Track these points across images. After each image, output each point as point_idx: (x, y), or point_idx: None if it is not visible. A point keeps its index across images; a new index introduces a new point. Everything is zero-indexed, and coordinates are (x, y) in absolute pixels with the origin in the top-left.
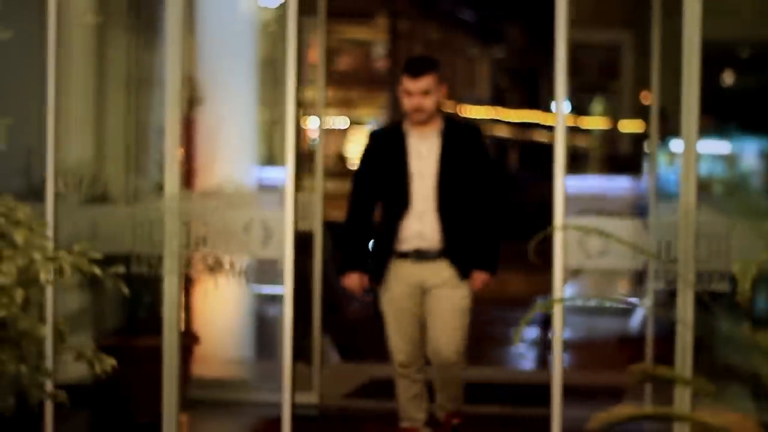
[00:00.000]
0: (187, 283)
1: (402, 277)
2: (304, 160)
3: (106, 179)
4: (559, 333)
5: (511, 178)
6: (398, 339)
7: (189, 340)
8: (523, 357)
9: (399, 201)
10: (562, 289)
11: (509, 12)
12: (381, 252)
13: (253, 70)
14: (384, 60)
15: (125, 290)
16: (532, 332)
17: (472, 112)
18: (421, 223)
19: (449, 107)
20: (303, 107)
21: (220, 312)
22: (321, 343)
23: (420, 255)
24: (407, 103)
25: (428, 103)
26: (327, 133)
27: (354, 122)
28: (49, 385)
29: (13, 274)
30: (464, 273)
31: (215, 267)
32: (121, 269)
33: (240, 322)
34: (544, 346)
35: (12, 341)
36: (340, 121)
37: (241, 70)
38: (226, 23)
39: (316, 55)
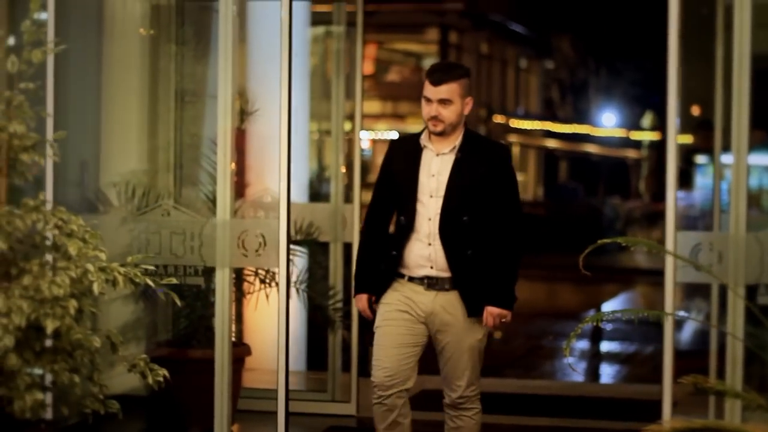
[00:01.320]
0: (239, 295)
1: (406, 291)
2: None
3: (159, 191)
4: (669, 345)
5: (561, 190)
6: (382, 353)
7: (241, 351)
8: (574, 369)
9: (405, 220)
10: (672, 303)
11: (560, 24)
12: (385, 275)
13: (304, 83)
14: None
15: (178, 302)
16: (582, 345)
17: (522, 124)
18: (429, 248)
19: (501, 119)
20: (352, 119)
21: (271, 323)
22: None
23: (431, 283)
24: (425, 110)
25: (447, 113)
26: (377, 144)
27: (403, 134)
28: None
29: (66, 286)
30: (474, 309)
31: (267, 278)
32: (173, 281)
33: (292, 333)
34: (593, 358)
35: (65, 352)
36: (389, 133)
37: (293, 83)
38: (277, 36)
39: (368, 67)
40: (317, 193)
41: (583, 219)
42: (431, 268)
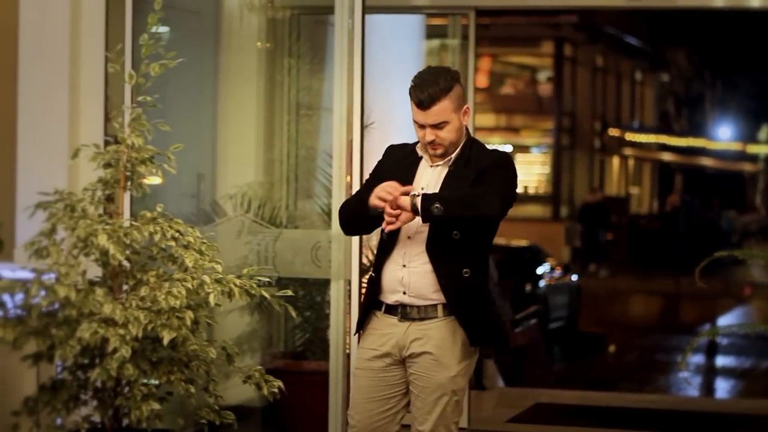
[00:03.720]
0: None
1: (382, 328)
2: None
3: (275, 203)
4: None
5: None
6: (353, 408)
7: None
8: (689, 384)
9: (387, 236)
10: None
11: (675, 37)
12: (365, 303)
13: None
14: (549, 85)
15: (293, 314)
16: (697, 359)
17: (637, 137)
18: (403, 270)
19: (615, 132)
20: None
21: None
22: (487, 367)
23: (404, 313)
24: (418, 134)
25: (444, 134)
26: None
27: (517, 147)
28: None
29: (183, 297)
30: (473, 337)
31: None
32: (289, 293)
33: None
34: (708, 373)
35: (181, 362)
36: (503, 146)
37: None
38: (392, 49)
39: (482, 80)
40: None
41: (699, 232)
42: (404, 293)
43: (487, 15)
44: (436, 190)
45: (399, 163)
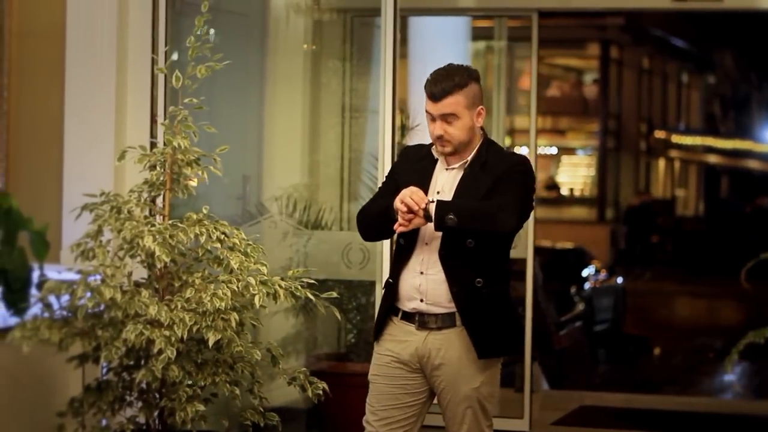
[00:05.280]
0: None
1: (399, 335)
2: None
3: (320, 205)
4: None
5: (723, 205)
6: (371, 416)
7: None
8: (735, 387)
9: (405, 242)
10: None
11: (721, 39)
12: (382, 308)
13: None
14: (594, 87)
15: (338, 315)
16: (743, 362)
17: (683, 139)
18: (421, 277)
19: (661, 134)
20: (513, 134)
21: None
22: (532, 370)
23: (422, 321)
24: (429, 128)
25: (453, 131)
26: (538, 159)
27: (563, 149)
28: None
29: (228, 299)
30: (484, 349)
31: None
32: (334, 294)
33: None
34: (755, 375)
35: (226, 364)
36: (549, 149)
37: None
38: (438, 51)
39: (527, 82)
40: None
41: (746, 234)
42: (421, 301)
43: (549, 17)
44: (451, 194)
45: (415, 165)
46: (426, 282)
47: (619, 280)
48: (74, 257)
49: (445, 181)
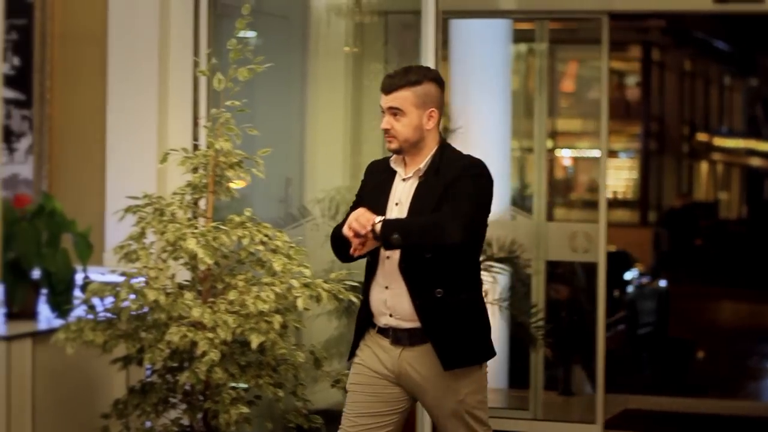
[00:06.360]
0: None
1: (375, 347)
2: (560, 190)
3: None
4: None
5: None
6: (346, 422)
7: None
8: None
9: (371, 258)
10: None
11: (764, 41)
12: (358, 322)
13: (506, 100)
14: (637, 90)
15: None
16: None
17: (726, 142)
18: (386, 292)
19: (704, 137)
20: (555, 137)
21: None
22: (575, 373)
23: (396, 338)
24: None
25: (399, 127)
26: (580, 162)
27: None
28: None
29: (271, 301)
30: (449, 360)
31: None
32: None
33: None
34: None
35: (270, 366)
36: (591, 151)
37: (495, 101)
38: (479, 54)
39: (569, 85)
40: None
41: None
42: (390, 316)
43: (620, 19)
44: (407, 205)
45: (377, 178)
46: (391, 297)
47: (663, 283)
48: (117, 259)
49: (402, 192)
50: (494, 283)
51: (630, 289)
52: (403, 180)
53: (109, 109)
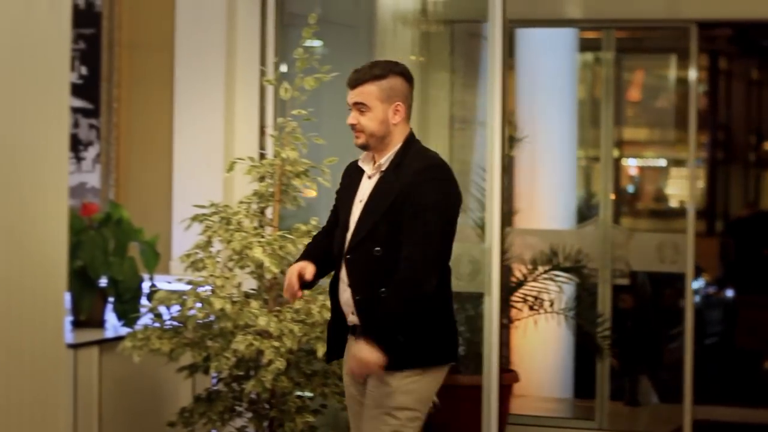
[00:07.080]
0: (507, 321)
1: (351, 350)
2: (625, 199)
3: None
4: None
5: None
6: (351, 422)
7: (509, 377)
8: None
9: (336, 257)
10: None
11: None
12: (330, 328)
13: (572, 109)
14: (703, 98)
15: None
16: None
17: None
18: (348, 290)
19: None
20: (622, 146)
21: (539, 349)
22: (641, 383)
23: (354, 332)
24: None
25: (364, 121)
26: (647, 171)
27: (672, 161)
28: None
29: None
30: (392, 361)
31: (535, 305)
32: None
33: (559, 360)
34: None
35: (335, 375)
36: (657, 160)
37: (561, 109)
38: (544, 63)
39: (635, 93)
40: (585, 219)
41: None
42: (352, 314)
43: (708, 28)
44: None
45: (349, 179)
46: (349, 294)
47: (729, 293)
48: (184, 268)
49: (366, 190)
50: (560, 292)
51: (696, 299)
52: (369, 177)
53: (176, 117)
